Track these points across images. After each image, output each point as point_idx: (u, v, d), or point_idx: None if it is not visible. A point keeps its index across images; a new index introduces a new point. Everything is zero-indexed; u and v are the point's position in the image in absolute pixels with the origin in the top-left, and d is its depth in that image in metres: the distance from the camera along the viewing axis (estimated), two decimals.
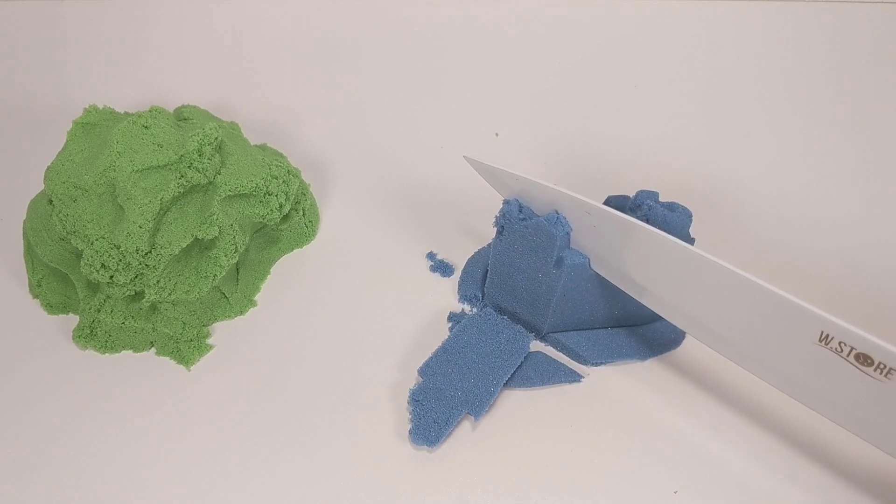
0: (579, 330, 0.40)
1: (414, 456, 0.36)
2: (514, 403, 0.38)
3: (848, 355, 0.28)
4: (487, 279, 0.41)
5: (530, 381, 0.38)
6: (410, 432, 0.36)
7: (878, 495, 0.33)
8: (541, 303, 0.39)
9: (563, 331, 0.40)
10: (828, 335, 0.29)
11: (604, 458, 0.36)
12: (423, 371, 0.38)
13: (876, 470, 0.34)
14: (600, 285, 0.38)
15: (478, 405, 0.36)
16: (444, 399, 0.37)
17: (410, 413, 0.37)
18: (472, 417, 0.36)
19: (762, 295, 0.30)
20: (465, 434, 0.37)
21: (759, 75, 0.53)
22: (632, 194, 0.38)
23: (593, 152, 0.50)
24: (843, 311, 0.40)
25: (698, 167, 0.49)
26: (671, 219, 0.36)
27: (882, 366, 0.28)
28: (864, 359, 0.28)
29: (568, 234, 0.36)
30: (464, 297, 0.42)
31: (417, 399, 0.37)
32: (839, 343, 0.28)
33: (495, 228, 0.38)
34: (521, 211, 0.37)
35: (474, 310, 0.42)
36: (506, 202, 0.38)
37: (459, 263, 0.44)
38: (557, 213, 0.36)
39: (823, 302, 0.41)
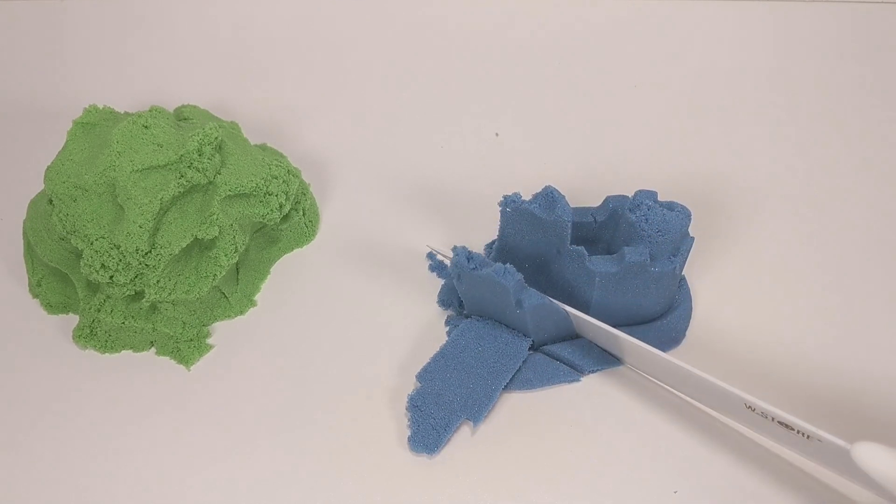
0: (574, 338, 0.40)
1: (413, 461, 0.36)
2: (513, 405, 0.38)
3: (772, 421, 0.32)
4: (465, 307, 0.41)
5: (530, 382, 0.38)
6: (409, 439, 0.36)
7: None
8: (519, 329, 0.39)
9: (556, 342, 0.40)
10: (752, 406, 0.33)
11: (604, 459, 0.36)
12: (422, 376, 0.38)
13: None
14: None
15: (477, 410, 0.36)
16: (442, 404, 0.36)
17: (409, 420, 0.36)
18: (472, 423, 0.36)
19: (695, 378, 0.35)
20: (464, 438, 0.36)
21: (758, 75, 0.53)
22: (631, 194, 0.38)
23: (593, 152, 0.50)
24: (845, 306, 0.41)
25: (698, 167, 0.49)
26: (670, 218, 0.36)
27: (801, 432, 0.32)
28: (785, 426, 0.32)
29: (520, 280, 0.36)
30: (441, 302, 0.42)
31: (416, 405, 0.37)
32: (762, 412, 0.33)
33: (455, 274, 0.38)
34: (469, 260, 0.37)
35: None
36: (454, 252, 0.37)
37: None
38: (505, 265, 0.36)
39: (828, 294, 0.41)
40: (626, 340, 0.37)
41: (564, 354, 0.39)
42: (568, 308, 0.38)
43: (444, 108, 0.54)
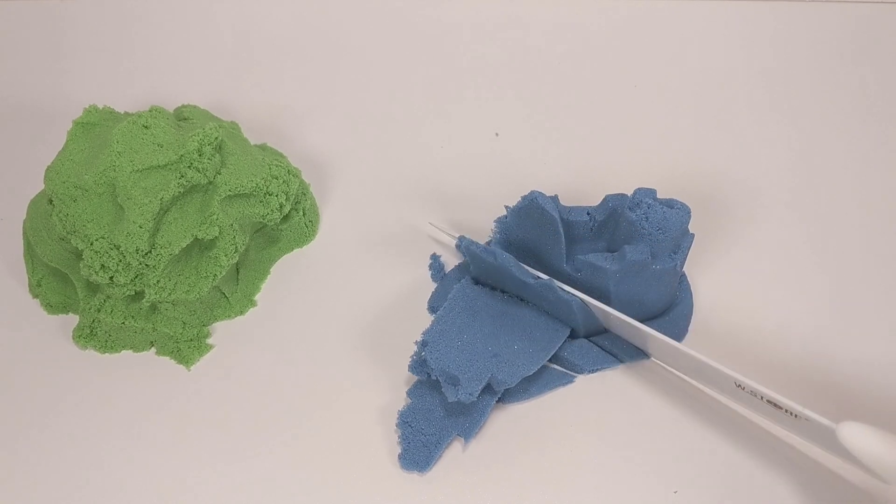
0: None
1: (404, 479, 0.35)
2: (505, 414, 0.37)
3: (761, 399, 0.34)
4: None
5: (527, 392, 0.38)
6: (400, 457, 0.35)
7: (878, 496, 0.34)
8: None
9: None
10: (741, 385, 0.34)
11: (603, 460, 0.36)
12: (412, 392, 0.37)
13: None
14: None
15: (468, 427, 0.36)
16: (433, 421, 0.36)
17: (399, 437, 0.36)
18: (463, 439, 0.36)
19: (688, 358, 0.36)
20: (455, 454, 0.36)
21: (758, 75, 0.53)
22: (630, 193, 0.38)
23: (593, 151, 0.50)
24: (841, 300, 0.41)
25: (697, 165, 0.49)
26: (670, 216, 0.36)
27: (788, 411, 0.33)
28: (773, 404, 0.33)
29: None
30: (432, 309, 0.42)
31: (406, 421, 0.36)
32: (751, 391, 0.34)
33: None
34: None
35: None
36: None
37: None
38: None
39: (827, 291, 0.41)
40: (618, 315, 0.37)
41: (563, 354, 0.39)
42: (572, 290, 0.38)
43: (445, 109, 0.54)
